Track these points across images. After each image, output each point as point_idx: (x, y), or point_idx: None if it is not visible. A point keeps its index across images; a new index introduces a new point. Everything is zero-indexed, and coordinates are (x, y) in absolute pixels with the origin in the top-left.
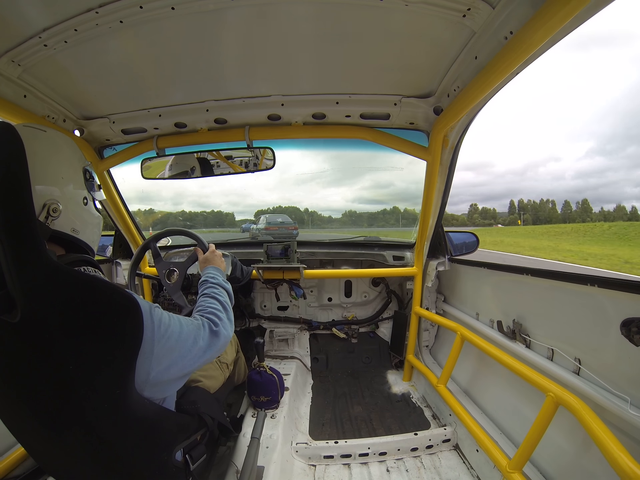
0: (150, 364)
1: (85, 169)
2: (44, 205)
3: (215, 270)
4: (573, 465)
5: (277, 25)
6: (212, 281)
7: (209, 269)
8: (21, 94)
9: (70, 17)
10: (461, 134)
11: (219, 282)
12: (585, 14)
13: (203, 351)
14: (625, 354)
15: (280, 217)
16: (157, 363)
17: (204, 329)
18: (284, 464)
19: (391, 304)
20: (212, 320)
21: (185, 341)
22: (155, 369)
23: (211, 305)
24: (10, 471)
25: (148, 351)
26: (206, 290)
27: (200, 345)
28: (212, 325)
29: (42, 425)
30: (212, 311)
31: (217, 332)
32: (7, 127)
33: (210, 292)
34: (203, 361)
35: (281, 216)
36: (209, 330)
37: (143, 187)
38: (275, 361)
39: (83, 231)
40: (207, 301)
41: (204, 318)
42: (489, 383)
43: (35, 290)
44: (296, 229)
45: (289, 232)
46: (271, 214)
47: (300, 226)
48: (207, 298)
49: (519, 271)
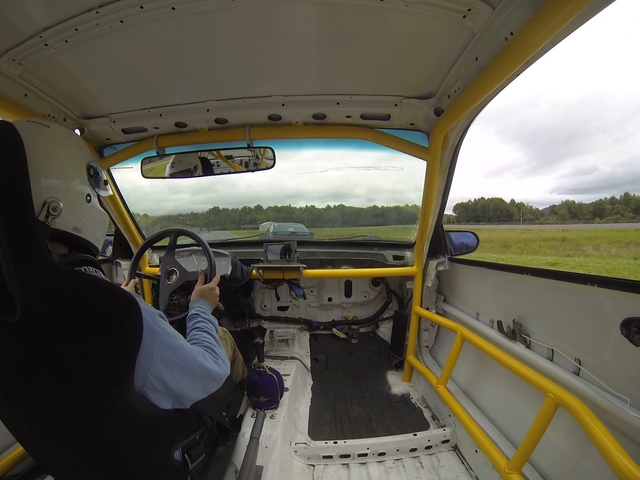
0: (149, 369)
1: (89, 165)
2: (44, 203)
3: (206, 305)
4: (572, 466)
5: (278, 25)
6: (203, 316)
7: (200, 302)
8: (22, 93)
9: (71, 17)
10: (461, 135)
11: (210, 318)
12: (586, 15)
13: (202, 376)
14: (625, 354)
15: (292, 226)
16: (155, 369)
17: (206, 358)
18: (282, 463)
19: (391, 304)
20: (211, 353)
21: (187, 358)
22: (152, 376)
23: (207, 340)
24: (9, 470)
25: (147, 356)
26: (199, 324)
27: (203, 367)
28: (213, 356)
29: (41, 424)
30: (209, 346)
31: (218, 364)
32: (7, 126)
33: (204, 327)
34: (201, 388)
35: (293, 225)
36: (211, 360)
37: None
38: (275, 361)
39: (86, 229)
40: (202, 335)
41: (205, 350)
42: (489, 383)
43: (34, 290)
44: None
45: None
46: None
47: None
48: (202, 332)
49: (519, 271)
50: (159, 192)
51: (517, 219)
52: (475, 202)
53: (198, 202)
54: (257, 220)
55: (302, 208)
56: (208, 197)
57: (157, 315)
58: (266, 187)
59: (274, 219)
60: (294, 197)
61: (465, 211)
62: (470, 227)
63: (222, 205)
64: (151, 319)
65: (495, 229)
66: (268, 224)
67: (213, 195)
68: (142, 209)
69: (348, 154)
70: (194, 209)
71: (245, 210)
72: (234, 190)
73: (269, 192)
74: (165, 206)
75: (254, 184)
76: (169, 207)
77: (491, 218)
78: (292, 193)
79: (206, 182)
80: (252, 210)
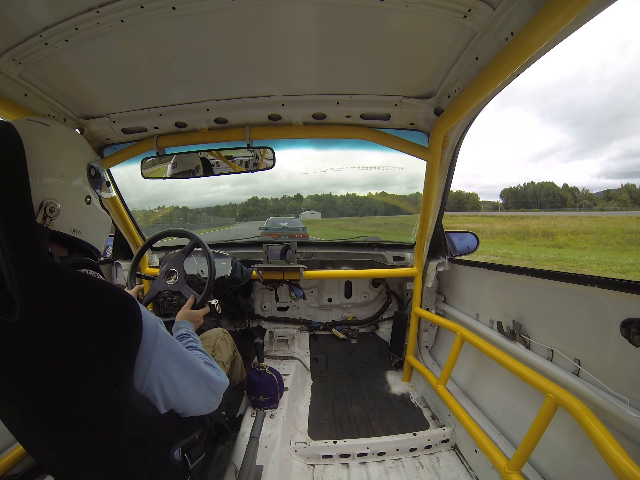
0: (147, 372)
1: (90, 165)
2: (41, 204)
3: (191, 326)
4: (572, 466)
5: (278, 25)
6: (193, 336)
7: (187, 323)
8: (22, 93)
9: (71, 16)
10: (461, 135)
11: (197, 338)
12: (587, 15)
13: (200, 385)
14: (624, 355)
15: (285, 220)
16: (153, 373)
17: (205, 366)
18: (282, 463)
19: (391, 304)
20: (210, 365)
21: (186, 363)
22: (150, 379)
23: (203, 357)
24: (9, 469)
25: (147, 358)
26: (191, 344)
27: (203, 373)
28: (212, 368)
29: (41, 424)
30: (207, 361)
31: (218, 373)
32: (7, 126)
33: (196, 347)
34: (201, 400)
35: (286, 220)
36: (210, 369)
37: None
38: (275, 361)
39: (85, 231)
40: (197, 353)
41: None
42: (489, 384)
43: (34, 290)
44: (305, 236)
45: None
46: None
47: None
48: (196, 350)
49: (519, 271)
50: (200, 184)
51: (571, 204)
52: (524, 187)
53: (238, 192)
54: (297, 209)
55: (344, 196)
56: (248, 188)
57: (158, 322)
58: (306, 176)
59: (314, 207)
60: (335, 185)
61: (514, 197)
62: (524, 215)
63: (262, 195)
64: (152, 323)
65: (556, 217)
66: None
67: (253, 186)
68: (181, 202)
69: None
70: (233, 200)
71: (285, 200)
72: (274, 180)
73: (309, 181)
74: (206, 198)
75: (294, 173)
76: (210, 198)
77: (543, 204)
78: (333, 182)
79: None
80: (291, 199)
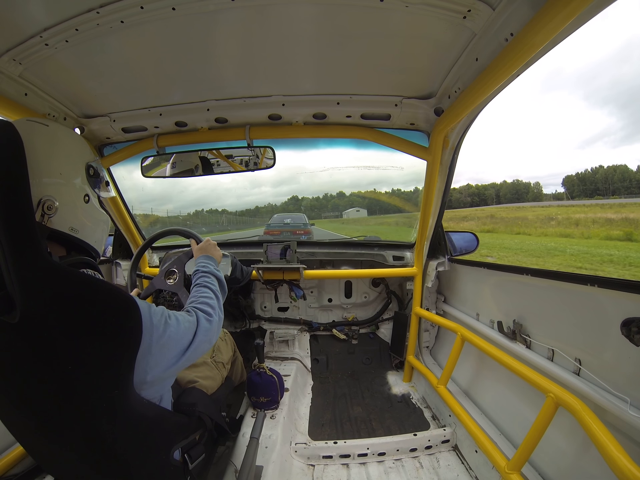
0: (148, 363)
1: (89, 164)
2: (39, 201)
3: (207, 259)
4: (572, 466)
5: (278, 26)
6: (203, 270)
7: (201, 257)
8: (22, 92)
9: (72, 17)
10: (461, 135)
11: (210, 270)
12: (587, 15)
13: (198, 343)
14: (625, 354)
15: (288, 217)
16: (154, 363)
17: (199, 324)
18: (282, 463)
19: (391, 304)
20: (205, 311)
21: (182, 339)
22: (153, 368)
23: (203, 295)
24: (9, 469)
25: (146, 352)
26: (198, 280)
27: (197, 340)
28: (206, 316)
29: (41, 425)
30: (205, 301)
31: (211, 321)
32: (6, 125)
33: (202, 282)
34: (200, 352)
35: (290, 216)
36: (204, 322)
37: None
38: (275, 362)
39: (83, 230)
40: (200, 291)
41: (198, 311)
42: (489, 384)
43: (33, 290)
44: (307, 232)
45: (296, 236)
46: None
47: (634, 191)
48: (200, 287)
49: (519, 271)
50: (242, 187)
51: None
52: (593, 172)
53: (280, 194)
54: (340, 207)
55: (388, 192)
56: (290, 189)
57: (152, 307)
58: (347, 174)
59: (358, 204)
60: (378, 183)
61: (581, 184)
62: (605, 202)
63: (302, 194)
64: (149, 316)
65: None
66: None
67: (295, 187)
68: (222, 205)
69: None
70: (273, 201)
71: (327, 198)
72: (316, 180)
73: (350, 179)
74: (248, 200)
75: (335, 172)
76: (252, 200)
77: (616, 190)
78: (375, 180)
79: (287, 174)
80: (333, 197)
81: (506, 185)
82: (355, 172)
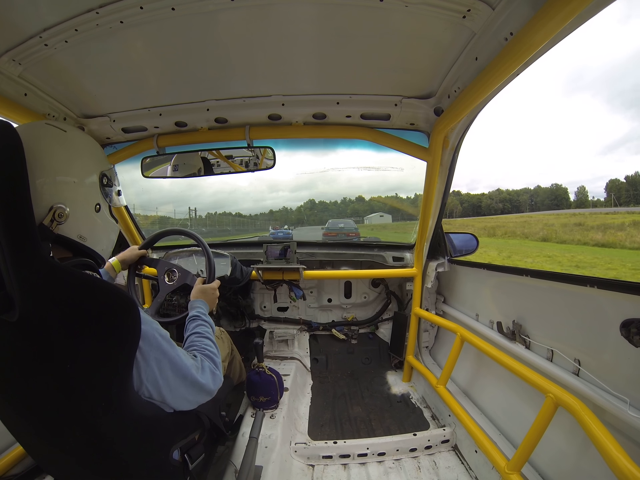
0: (146, 372)
1: (103, 173)
2: (51, 208)
3: (206, 307)
4: (572, 466)
5: (278, 26)
6: (203, 318)
7: (200, 302)
8: (22, 93)
9: (71, 17)
10: (461, 135)
11: (209, 321)
12: (586, 14)
13: (199, 389)
14: (624, 355)
15: (341, 222)
16: (152, 374)
17: (204, 371)
18: (282, 463)
19: (391, 305)
20: (210, 363)
21: (182, 370)
22: (148, 381)
23: (207, 347)
24: (9, 469)
25: (144, 358)
26: (199, 329)
27: (197, 382)
28: (213, 368)
29: (39, 424)
30: (209, 354)
31: (215, 376)
32: (6, 127)
33: (205, 333)
34: (195, 401)
35: (343, 221)
36: (209, 372)
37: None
38: (274, 362)
39: (92, 238)
40: (204, 342)
41: (205, 359)
42: (489, 384)
43: (33, 290)
44: (357, 235)
45: (349, 238)
46: (334, 219)
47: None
48: (203, 339)
49: (518, 272)
50: (259, 191)
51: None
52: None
53: (297, 199)
54: (360, 212)
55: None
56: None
57: (156, 324)
58: (365, 180)
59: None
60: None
61: (632, 188)
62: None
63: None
64: (149, 325)
65: None
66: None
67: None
68: (239, 209)
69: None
70: (289, 205)
71: (346, 202)
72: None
73: (368, 184)
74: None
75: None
76: (269, 205)
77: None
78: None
79: (306, 179)
80: (352, 202)
81: (545, 190)
82: (374, 176)
